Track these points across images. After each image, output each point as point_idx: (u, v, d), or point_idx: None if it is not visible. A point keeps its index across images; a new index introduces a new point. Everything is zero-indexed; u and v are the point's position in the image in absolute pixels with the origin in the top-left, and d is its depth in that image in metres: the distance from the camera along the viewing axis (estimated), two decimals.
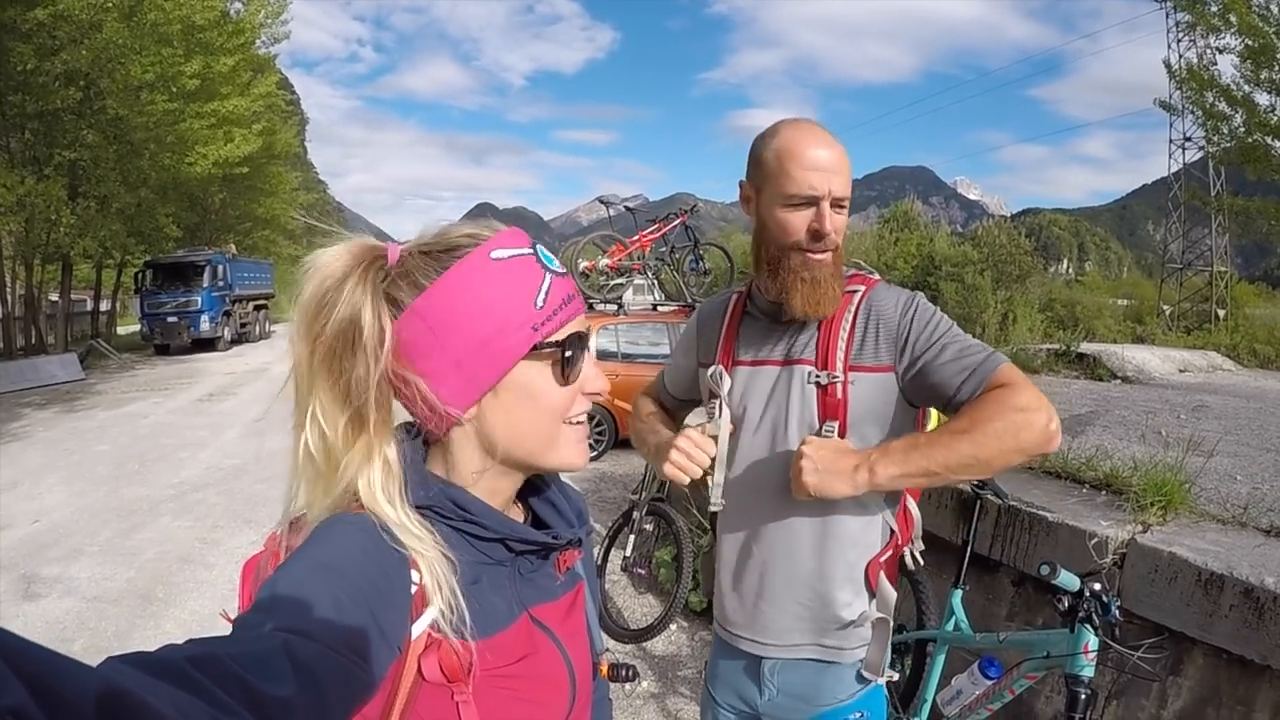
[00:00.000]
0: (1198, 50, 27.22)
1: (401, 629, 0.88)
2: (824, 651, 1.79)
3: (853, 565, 1.74)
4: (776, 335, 1.78)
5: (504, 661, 0.97)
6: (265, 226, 38.28)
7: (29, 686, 0.39)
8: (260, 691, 0.62)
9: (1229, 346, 13.08)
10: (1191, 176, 33.70)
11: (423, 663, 0.90)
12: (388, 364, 0.94)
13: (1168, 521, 2.88)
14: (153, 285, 24.50)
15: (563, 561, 1.12)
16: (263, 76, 28.84)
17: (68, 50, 16.87)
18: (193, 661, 0.59)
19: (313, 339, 0.93)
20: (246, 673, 0.62)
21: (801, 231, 1.64)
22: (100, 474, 9.07)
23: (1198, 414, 5.35)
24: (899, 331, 1.66)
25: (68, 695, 0.42)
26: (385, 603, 0.85)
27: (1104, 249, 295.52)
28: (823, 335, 1.71)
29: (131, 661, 0.55)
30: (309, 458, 0.94)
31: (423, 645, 0.90)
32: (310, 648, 0.72)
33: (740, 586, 1.84)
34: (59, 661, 0.43)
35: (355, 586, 0.83)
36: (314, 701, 0.69)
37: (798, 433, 1.69)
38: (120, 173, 20.88)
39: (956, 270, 27.92)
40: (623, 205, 11.34)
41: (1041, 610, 3.08)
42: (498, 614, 0.99)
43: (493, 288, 0.95)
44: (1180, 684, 2.62)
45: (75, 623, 5.16)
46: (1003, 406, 1.48)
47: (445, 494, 0.99)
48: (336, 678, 0.74)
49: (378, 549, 0.89)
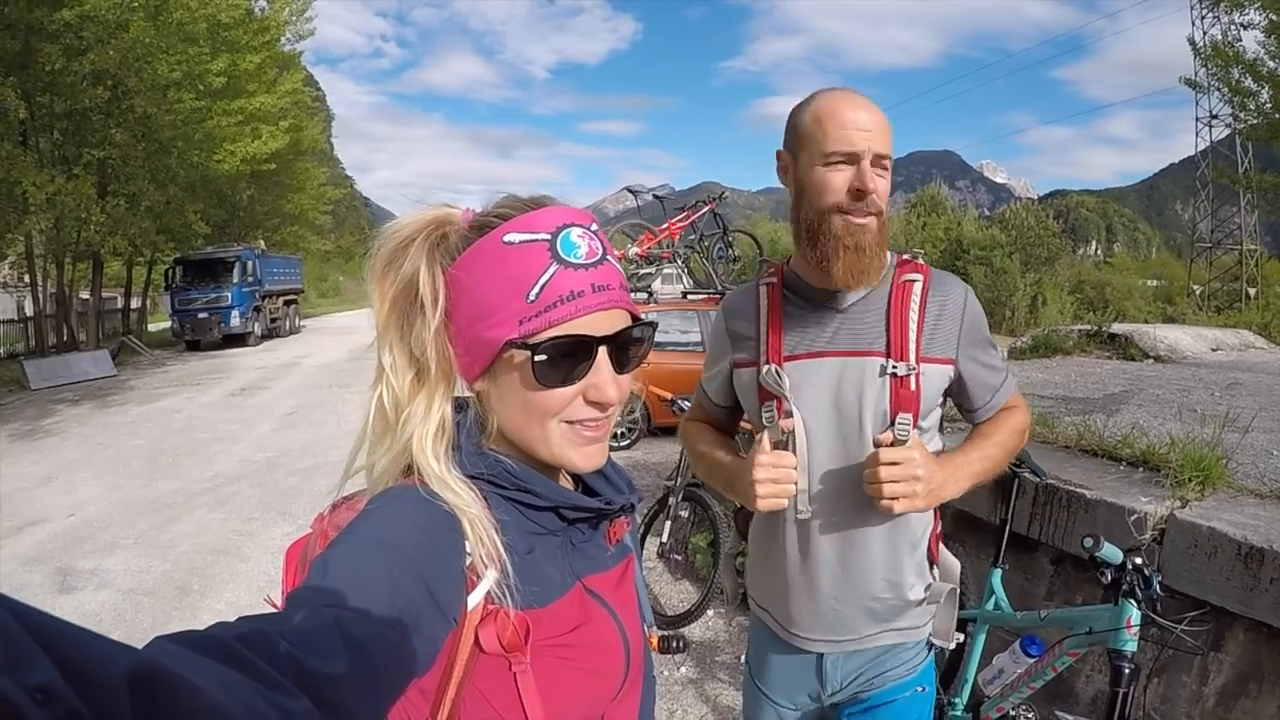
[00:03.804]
0: (1222, 26, 26.91)
1: (457, 600, 0.89)
2: (896, 635, 1.78)
3: (916, 548, 1.74)
4: (829, 323, 1.68)
5: (559, 631, 0.97)
6: (293, 222, 38.43)
7: (59, 665, 0.38)
8: (311, 669, 0.62)
9: (1260, 325, 12.94)
10: (1219, 154, 33.29)
11: (480, 633, 0.91)
12: (442, 323, 0.96)
13: (1205, 497, 2.87)
14: (183, 282, 24.68)
15: (613, 532, 1.12)
16: (288, 73, 28.95)
17: (95, 50, 16.96)
18: (242, 639, 0.59)
19: (384, 296, 0.97)
20: (297, 650, 0.62)
21: (842, 191, 1.56)
22: (134, 468, 9.18)
23: (1232, 391, 5.30)
24: (961, 325, 1.67)
25: (99, 674, 0.41)
26: (440, 575, 0.86)
27: (1132, 230, 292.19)
28: (894, 324, 1.65)
29: (179, 640, 0.55)
30: (380, 413, 0.97)
31: (479, 616, 0.91)
32: (362, 624, 0.72)
33: (811, 588, 1.74)
34: (93, 640, 0.42)
35: (409, 560, 0.84)
36: (365, 678, 0.69)
37: (871, 427, 1.64)
38: (149, 170, 21.01)
39: (985, 254, 27.75)
40: (650, 194, 11.35)
41: (1081, 589, 3.08)
42: (551, 583, 0.99)
43: (492, 272, 0.95)
44: (1222, 660, 2.61)
45: (112, 615, 5.23)
46: (1014, 431, 1.80)
47: (500, 463, 0.99)
48: (389, 654, 0.74)
49: (431, 521, 0.89)
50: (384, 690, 0.74)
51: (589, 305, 0.95)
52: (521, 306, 0.94)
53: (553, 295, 0.94)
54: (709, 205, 11.08)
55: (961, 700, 3.02)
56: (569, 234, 0.96)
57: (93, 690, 0.40)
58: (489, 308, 0.95)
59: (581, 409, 0.99)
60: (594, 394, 0.98)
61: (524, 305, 0.94)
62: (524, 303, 0.94)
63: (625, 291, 1.02)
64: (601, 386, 0.98)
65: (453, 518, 0.91)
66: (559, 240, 0.96)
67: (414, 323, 0.96)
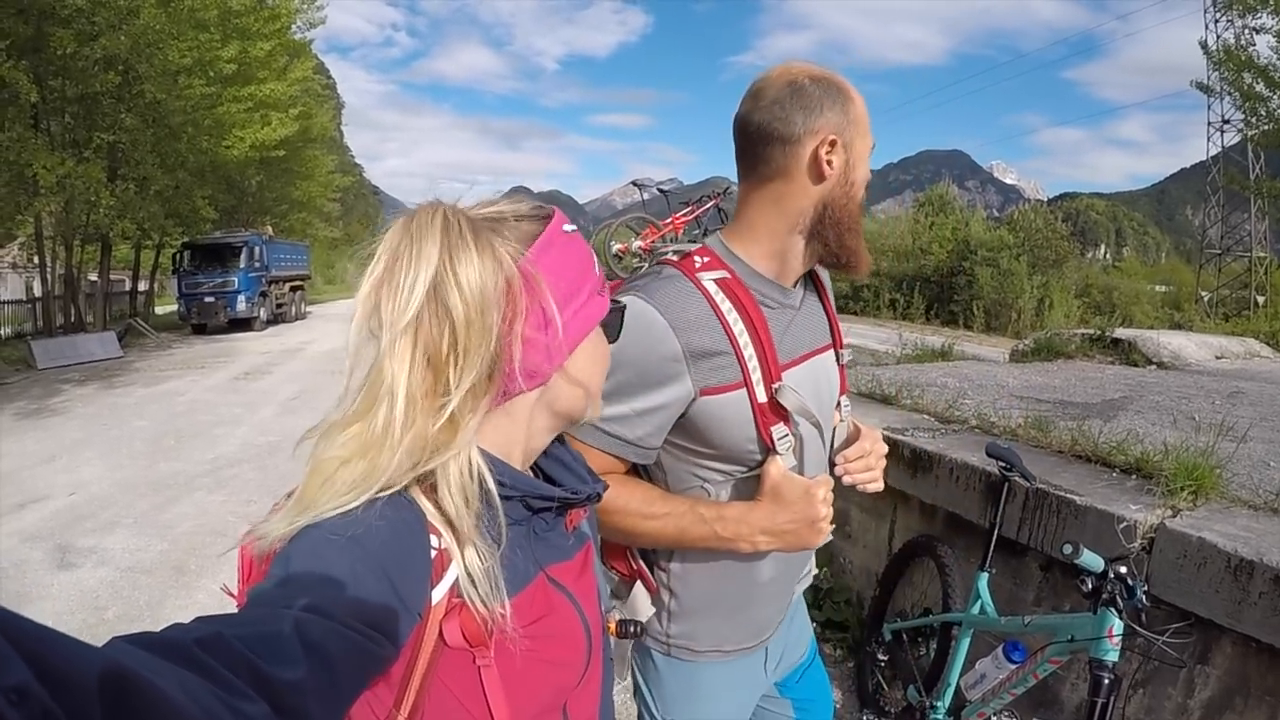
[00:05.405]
0: (1235, 30, 26.76)
1: (422, 594, 0.88)
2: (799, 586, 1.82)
3: None
4: (798, 322, 1.60)
5: (523, 622, 0.97)
6: (301, 209, 38.65)
7: (33, 666, 0.39)
8: (269, 674, 0.62)
9: (1268, 334, 12.87)
10: (1230, 160, 33.19)
11: (444, 627, 0.90)
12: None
13: (1198, 506, 2.84)
14: (190, 266, 24.82)
15: (571, 520, 1.12)
16: (299, 61, 29.09)
17: (106, 35, 17.10)
18: (200, 643, 0.59)
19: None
20: (254, 654, 0.62)
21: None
22: (137, 449, 9.24)
23: (1232, 400, 5.27)
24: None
25: (71, 674, 0.42)
26: (404, 569, 0.85)
27: (1141, 234, 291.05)
28: (830, 314, 1.70)
29: (137, 641, 0.55)
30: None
31: (444, 610, 0.90)
32: (323, 625, 0.72)
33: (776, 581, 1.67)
34: (62, 641, 0.43)
35: (373, 555, 0.83)
36: (325, 682, 0.68)
37: (832, 417, 1.67)
38: (158, 155, 21.10)
39: (992, 255, 27.80)
40: (656, 188, 11.32)
41: (1069, 595, 3.06)
42: (516, 574, 0.99)
43: (565, 256, 1.02)
44: (1208, 673, 2.59)
45: (109, 592, 5.28)
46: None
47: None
48: (350, 655, 0.74)
49: (395, 514, 0.88)
50: (344, 692, 0.74)
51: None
52: (595, 278, 1.06)
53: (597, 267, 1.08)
54: (714, 200, 11.05)
55: (944, 704, 3.01)
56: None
57: (65, 691, 0.40)
58: (576, 285, 1.02)
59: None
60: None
61: (596, 276, 1.06)
62: (594, 274, 1.06)
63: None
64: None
65: (419, 514, 0.90)
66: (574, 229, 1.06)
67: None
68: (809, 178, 1.46)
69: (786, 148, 1.45)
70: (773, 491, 1.46)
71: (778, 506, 1.45)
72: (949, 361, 7.62)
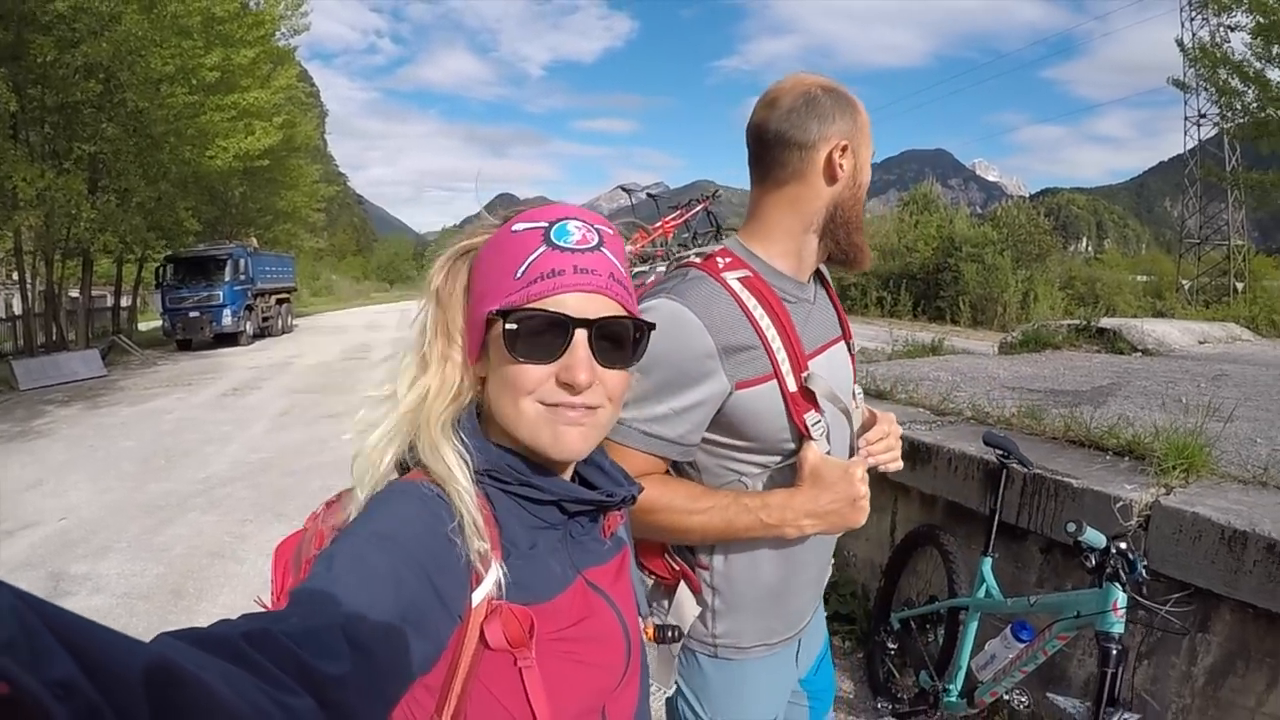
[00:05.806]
0: (1210, 28, 27.17)
1: (462, 596, 0.90)
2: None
3: None
4: (815, 313, 1.68)
5: (563, 625, 0.99)
6: (286, 220, 38.06)
7: (78, 660, 0.39)
8: (315, 668, 0.62)
9: (1248, 318, 13.08)
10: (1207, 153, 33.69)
11: (486, 629, 0.92)
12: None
13: (1190, 484, 2.92)
14: (174, 280, 24.38)
15: (608, 525, 1.13)
16: (283, 68, 28.67)
17: (88, 42, 16.66)
18: (247, 637, 0.59)
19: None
20: (301, 649, 0.63)
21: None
22: (126, 470, 9.02)
23: (1217, 382, 5.36)
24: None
25: (116, 668, 0.41)
26: (444, 571, 0.87)
27: (1122, 227, 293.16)
28: (838, 307, 1.78)
29: (184, 637, 0.56)
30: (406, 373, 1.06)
31: (484, 612, 0.92)
32: (367, 623, 0.73)
33: (808, 573, 1.72)
34: (107, 635, 0.43)
35: (414, 557, 0.85)
36: (369, 679, 0.69)
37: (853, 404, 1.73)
38: (140, 166, 20.66)
39: (977, 251, 27.92)
40: (644, 193, 11.30)
41: (1070, 575, 3.13)
42: (554, 578, 1.01)
43: (496, 256, 1.02)
44: (1209, 640, 2.67)
45: (106, 620, 5.08)
46: None
47: (503, 457, 1.01)
48: (393, 654, 0.75)
49: (435, 517, 0.91)
50: (388, 690, 0.75)
51: (566, 284, 0.97)
52: (510, 283, 0.98)
53: (535, 273, 0.97)
54: (703, 203, 11.06)
55: (956, 686, 3.07)
56: (567, 224, 1.01)
57: (111, 685, 0.40)
58: (486, 287, 1.01)
59: (554, 391, 0.98)
60: (564, 374, 0.97)
61: (511, 282, 0.98)
62: (512, 279, 0.98)
63: (618, 284, 1.02)
64: (573, 368, 0.97)
65: (451, 509, 0.92)
66: (554, 227, 1.00)
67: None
68: (823, 180, 1.56)
69: (803, 153, 1.53)
70: (813, 475, 1.49)
71: (819, 489, 1.49)
72: (940, 356, 7.68)
